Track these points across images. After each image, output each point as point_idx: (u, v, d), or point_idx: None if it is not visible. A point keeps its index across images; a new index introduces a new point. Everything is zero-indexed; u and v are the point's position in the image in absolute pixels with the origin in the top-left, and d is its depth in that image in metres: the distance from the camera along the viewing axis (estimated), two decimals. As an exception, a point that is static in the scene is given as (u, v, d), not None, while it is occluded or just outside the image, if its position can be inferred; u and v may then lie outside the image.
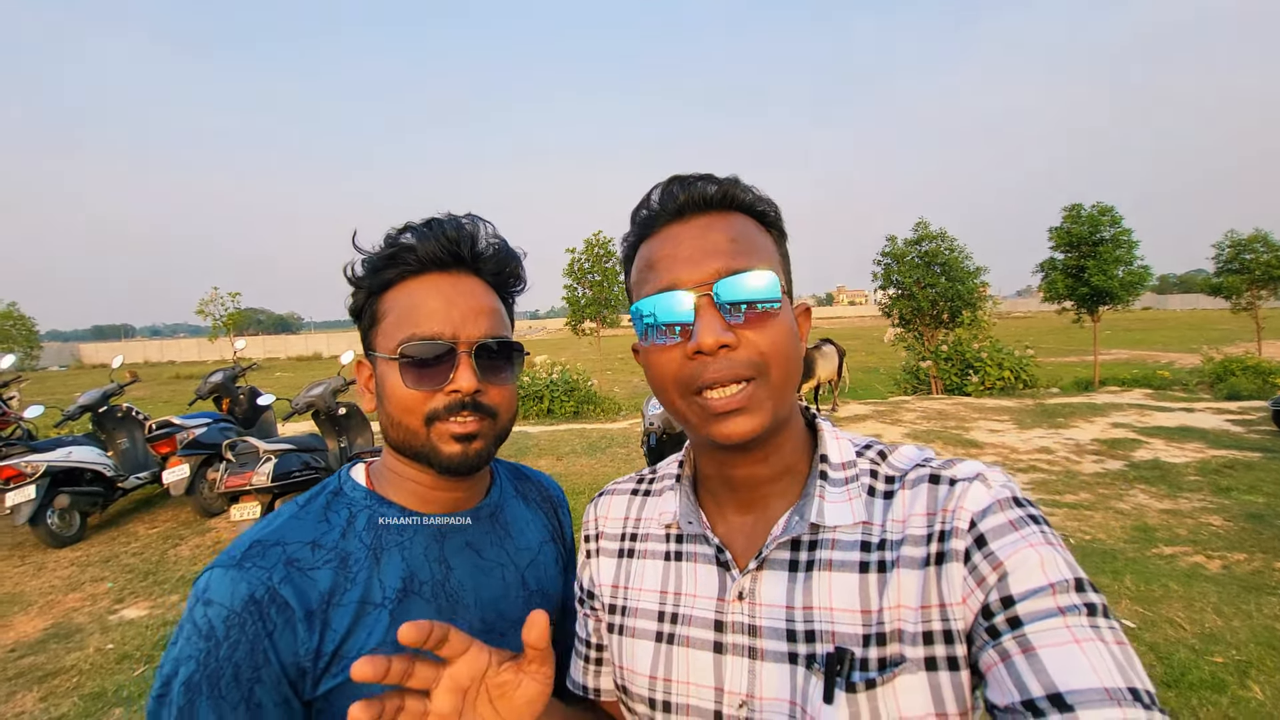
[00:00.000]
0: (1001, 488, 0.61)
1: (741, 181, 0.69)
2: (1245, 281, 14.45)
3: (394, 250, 0.82)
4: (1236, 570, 4.15)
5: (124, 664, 3.55)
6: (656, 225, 0.69)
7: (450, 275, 0.83)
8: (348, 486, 0.86)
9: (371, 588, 0.77)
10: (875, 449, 0.72)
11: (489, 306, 0.84)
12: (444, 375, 0.79)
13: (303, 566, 0.75)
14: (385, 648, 0.75)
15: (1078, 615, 0.52)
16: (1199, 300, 70.36)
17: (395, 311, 0.82)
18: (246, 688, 0.68)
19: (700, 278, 0.63)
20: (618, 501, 0.85)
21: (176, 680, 0.67)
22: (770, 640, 0.64)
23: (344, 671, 0.73)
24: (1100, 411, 9.75)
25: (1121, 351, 21.24)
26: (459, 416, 0.80)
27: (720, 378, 0.62)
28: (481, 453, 0.82)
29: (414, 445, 0.81)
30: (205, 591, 0.71)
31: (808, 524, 0.65)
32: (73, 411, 6.30)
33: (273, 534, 0.77)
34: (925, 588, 0.59)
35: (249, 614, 0.69)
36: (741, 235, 0.66)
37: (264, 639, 0.69)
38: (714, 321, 0.62)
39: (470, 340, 0.80)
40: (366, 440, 6.12)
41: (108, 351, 52.28)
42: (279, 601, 0.71)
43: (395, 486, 0.86)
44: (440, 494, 0.86)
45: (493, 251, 0.86)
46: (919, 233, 14.43)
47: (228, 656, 0.68)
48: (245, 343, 8.49)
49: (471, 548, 0.87)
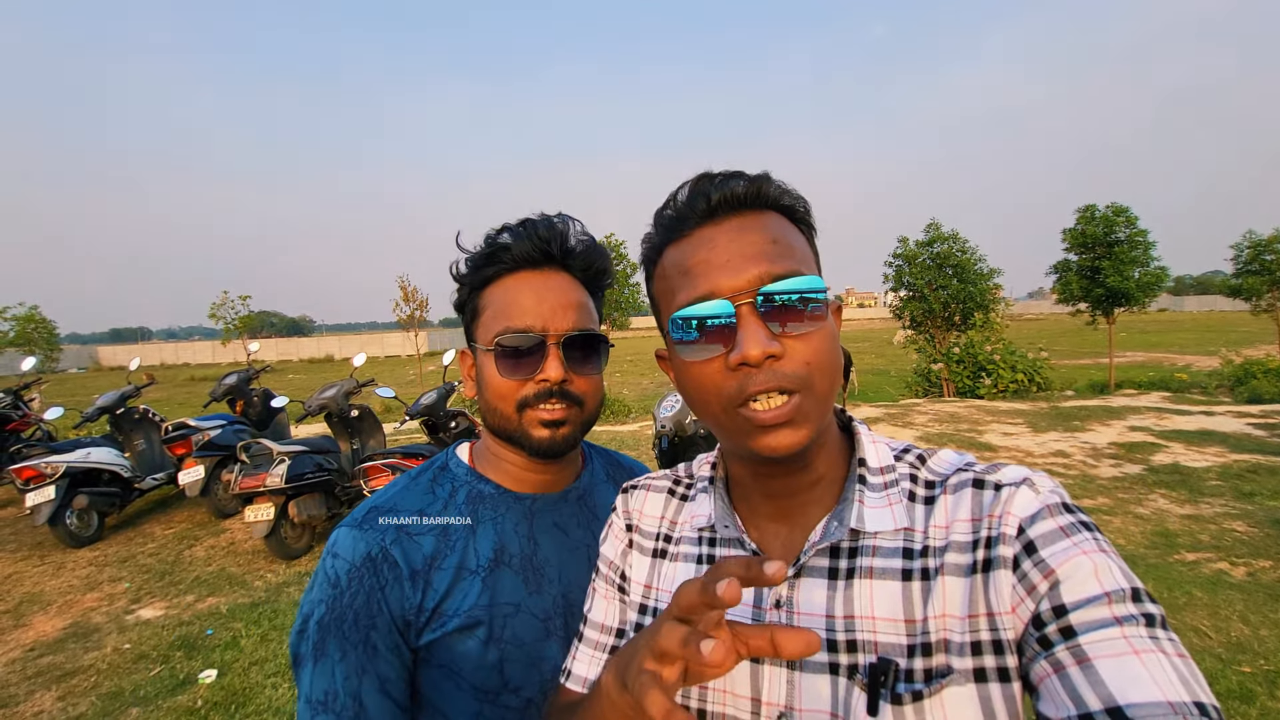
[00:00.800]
0: (1050, 493, 0.59)
1: (772, 177, 0.66)
2: (1266, 283, 14.19)
3: (492, 250, 0.89)
4: (1262, 577, 4.06)
5: (141, 664, 3.58)
6: (686, 227, 0.65)
7: (542, 272, 0.90)
8: (453, 463, 0.95)
9: (468, 555, 0.85)
10: (914, 453, 0.69)
11: (577, 301, 0.90)
12: (534, 365, 0.86)
13: (411, 532, 0.84)
14: (477, 610, 0.83)
15: (1135, 625, 0.49)
16: (1217, 302, 69.40)
17: (493, 306, 0.89)
18: (364, 631, 0.78)
19: (741, 284, 0.60)
20: (654, 499, 0.82)
21: (312, 619, 0.78)
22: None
23: (442, 627, 0.81)
24: (1117, 414, 9.62)
25: (1137, 354, 20.97)
26: (548, 404, 0.87)
27: (767, 388, 0.59)
28: (569, 437, 0.89)
29: (508, 429, 0.89)
30: (334, 546, 0.82)
31: (847, 530, 0.63)
32: (91, 413, 6.38)
33: (388, 501, 0.87)
34: (972, 596, 0.57)
35: (366, 569, 0.80)
36: (779, 236, 0.63)
37: (378, 591, 0.79)
38: (758, 331, 0.59)
39: (559, 333, 0.87)
40: (378, 442, 6.14)
41: (125, 354, 52.95)
42: (390, 560, 0.81)
43: (493, 466, 0.94)
44: (532, 475, 0.93)
45: (581, 249, 0.92)
46: (931, 234, 14.32)
47: (349, 603, 0.78)
48: (259, 345, 8.55)
49: (559, 527, 0.94)
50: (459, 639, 0.81)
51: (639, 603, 0.77)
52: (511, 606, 0.84)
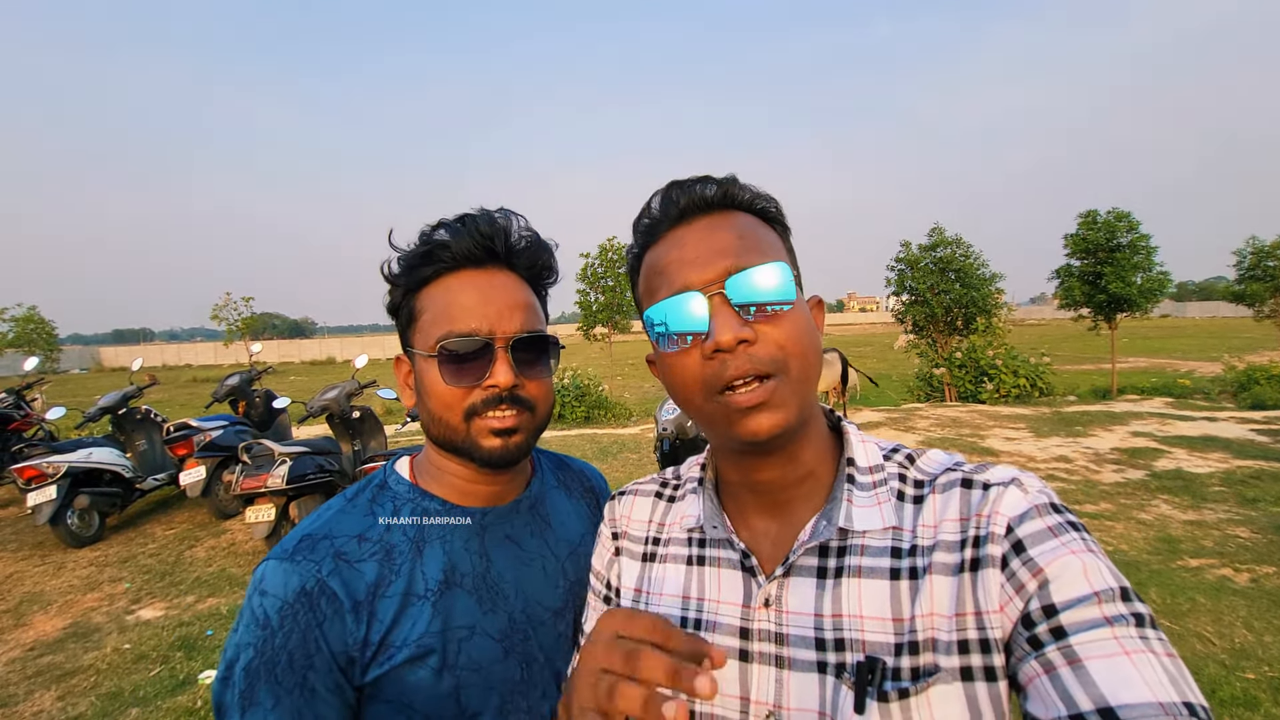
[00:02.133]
0: (1038, 493, 0.60)
1: (739, 180, 0.68)
2: (1269, 289, 14.19)
3: (428, 248, 0.82)
4: (1266, 584, 4.04)
5: (140, 664, 3.58)
6: (660, 232, 0.68)
7: (485, 271, 0.83)
8: (392, 480, 0.88)
9: (415, 579, 0.79)
10: (902, 453, 0.70)
11: (524, 301, 0.85)
12: (481, 371, 0.80)
13: (350, 559, 0.77)
14: (428, 638, 0.77)
15: (1125, 625, 0.50)
16: (1219, 308, 69.28)
17: (432, 309, 0.82)
18: (300, 674, 0.71)
19: (710, 277, 0.62)
20: (641, 503, 0.83)
21: (238, 665, 0.70)
22: (798, 649, 0.62)
23: (390, 660, 0.75)
24: (1119, 420, 9.60)
25: (1139, 359, 20.93)
26: (497, 411, 0.81)
27: (742, 373, 0.60)
28: (521, 445, 0.83)
29: (454, 440, 0.82)
30: (261, 582, 0.74)
31: (835, 529, 0.64)
32: (93, 413, 6.38)
33: (322, 527, 0.79)
34: (960, 595, 0.58)
35: (300, 605, 0.72)
36: (747, 232, 0.65)
37: (315, 629, 0.72)
38: (730, 318, 0.61)
39: (506, 335, 0.81)
40: (380, 444, 6.14)
41: (127, 355, 53.04)
42: (328, 593, 0.74)
43: (437, 480, 0.87)
44: (480, 487, 0.87)
45: (525, 245, 0.86)
46: (934, 238, 14.32)
47: (282, 645, 0.71)
48: (261, 347, 8.56)
49: (511, 540, 0.88)
50: (409, 670, 0.75)
51: (630, 608, 0.77)
52: (465, 630, 0.79)
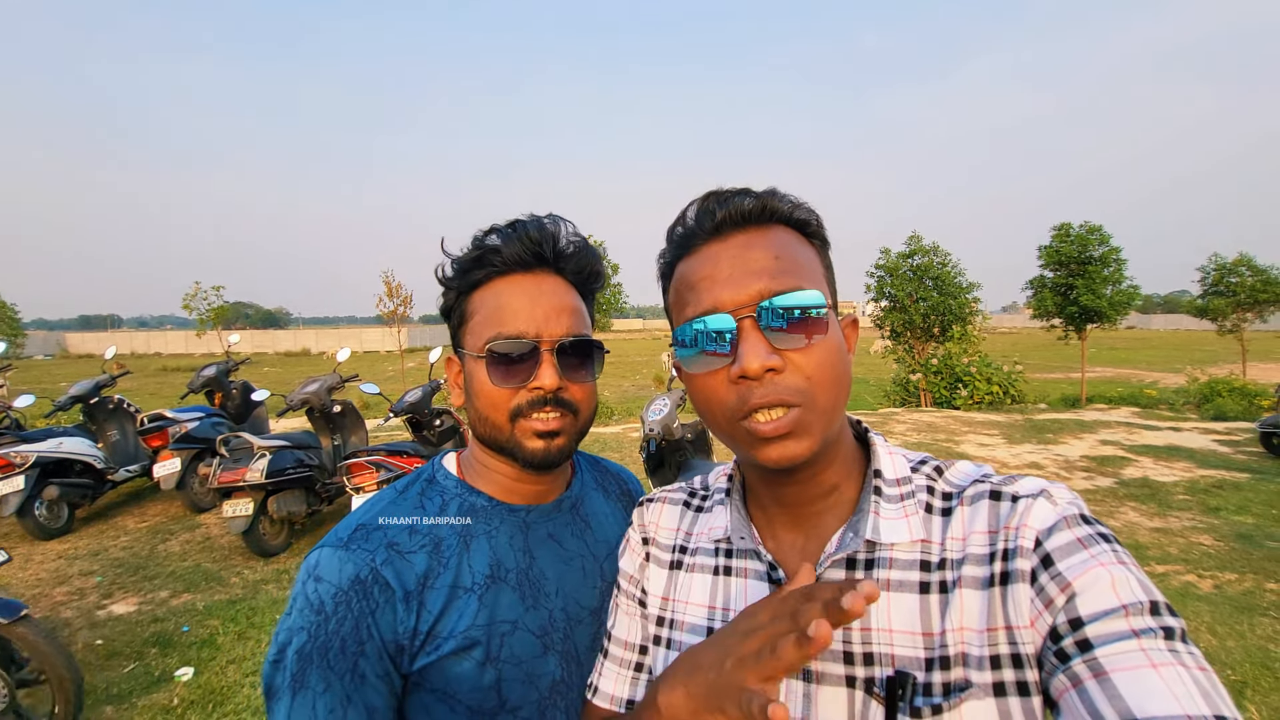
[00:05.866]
0: (1068, 505, 0.59)
1: (780, 192, 0.67)
2: (1230, 304, 14.67)
3: (480, 252, 0.84)
4: (1228, 590, 4.20)
5: (113, 660, 3.49)
6: (694, 244, 0.67)
7: (534, 275, 0.85)
8: (440, 475, 0.90)
9: (462, 573, 0.81)
10: (931, 464, 0.70)
11: (570, 305, 0.86)
12: (528, 373, 0.82)
13: (402, 550, 0.79)
14: (474, 630, 0.78)
15: (1153, 638, 0.49)
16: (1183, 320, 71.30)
17: (482, 311, 0.85)
18: (352, 660, 0.72)
19: (743, 299, 0.62)
20: (670, 511, 0.83)
21: (290, 648, 0.72)
22: (827, 663, 0.62)
23: (437, 650, 0.76)
24: (1089, 428, 9.86)
25: (1106, 369, 21.49)
26: (541, 413, 0.82)
27: (767, 401, 0.60)
28: (564, 448, 0.84)
29: (499, 440, 0.84)
30: (316, 568, 0.76)
31: (863, 541, 0.63)
32: (64, 402, 6.20)
33: (375, 517, 0.81)
34: (990, 609, 0.57)
35: (355, 592, 0.74)
36: (784, 252, 0.64)
37: (368, 616, 0.74)
38: (759, 345, 0.60)
39: (553, 338, 0.83)
40: (361, 439, 6.05)
41: (94, 341, 51.50)
42: (381, 582, 0.75)
43: (483, 478, 0.89)
44: (524, 486, 0.89)
45: (573, 250, 0.88)
46: (911, 246, 14.55)
47: (335, 630, 0.72)
48: (239, 338, 8.38)
49: (554, 539, 0.90)
50: (454, 661, 0.77)
51: (656, 615, 0.78)
52: (509, 624, 0.81)
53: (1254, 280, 14.37)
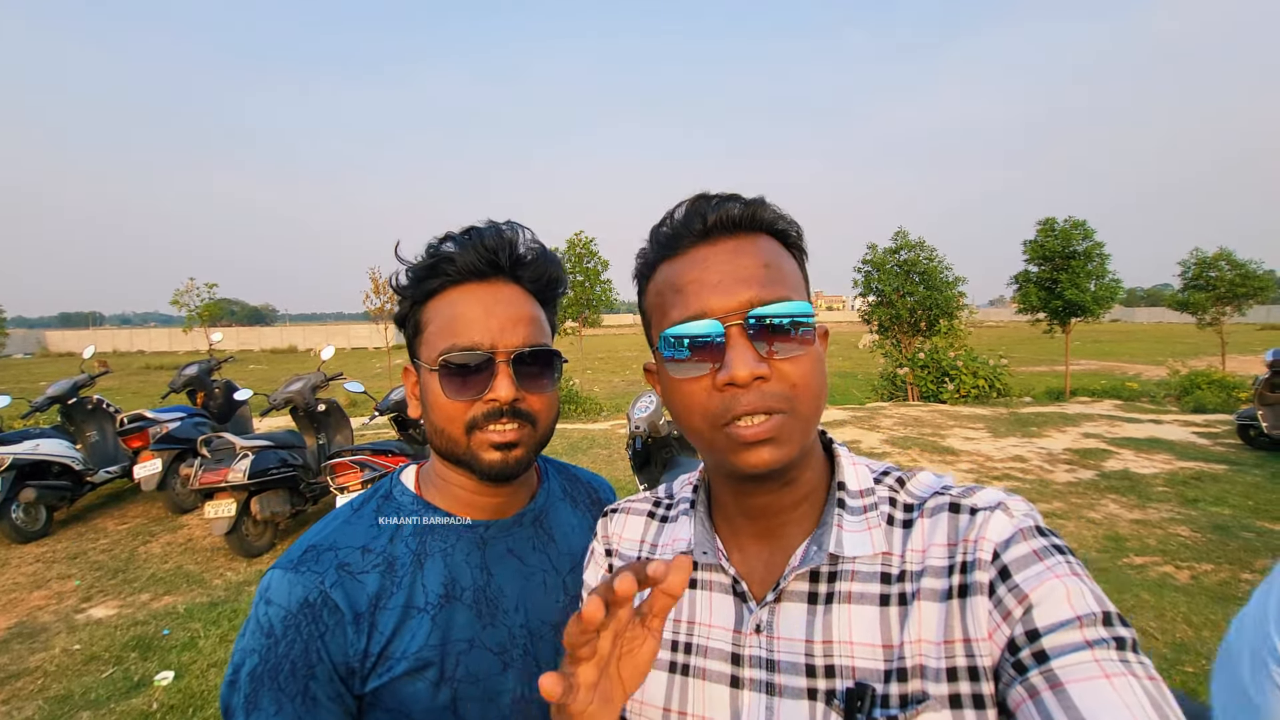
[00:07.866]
0: (1024, 517, 0.60)
1: (767, 201, 0.67)
2: (1210, 298, 14.87)
3: (434, 260, 0.82)
4: (1205, 580, 4.27)
5: (92, 665, 3.46)
6: (681, 246, 0.66)
7: (490, 284, 0.84)
8: (397, 491, 0.88)
9: (415, 592, 0.80)
10: (893, 475, 0.70)
11: (528, 314, 0.85)
12: (483, 384, 0.80)
13: (353, 570, 0.78)
14: (426, 651, 0.78)
15: (1106, 649, 0.50)
16: (1165, 314, 72.26)
17: (436, 321, 0.83)
18: (302, 682, 0.72)
19: (732, 306, 0.62)
20: (634, 522, 0.82)
21: (244, 670, 0.73)
22: (788, 675, 0.63)
23: (389, 672, 0.76)
24: (1072, 421, 9.97)
25: (1090, 362, 21.74)
26: (498, 425, 0.81)
27: (753, 409, 0.60)
28: (521, 460, 0.83)
29: (456, 453, 0.83)
30: (267, 591, 0.76)
31: (826, 554, 0.64)
32: (41, 403, 6.12)
33: (327, 538, 0.81)
34: (948, 622, 0.58)
35: (304, 616, 0.74)
36: (772, 261, 0.64)
37: (317, 640, 0.74)
38: (747, 353, 0.60)
39: (508, 349, 0.81)
40: (346, 438, 6.01)
41: (75, 339, 50.76)
42: (330, 605, 0.75)
43: (441, 492, 0.88)
44: (483, 499, 0.88)
45: (532, 258, 0.86)
46: (898, 241, 14.62)
47: (285, 653, 0.73)
48: (222, 335, 8.28)
49: (513, 554, 0.89)
50: (407, 682, 0.76)
51: None
52: (465, 643, 0.80)
53: (1233, 274, 14.57)
